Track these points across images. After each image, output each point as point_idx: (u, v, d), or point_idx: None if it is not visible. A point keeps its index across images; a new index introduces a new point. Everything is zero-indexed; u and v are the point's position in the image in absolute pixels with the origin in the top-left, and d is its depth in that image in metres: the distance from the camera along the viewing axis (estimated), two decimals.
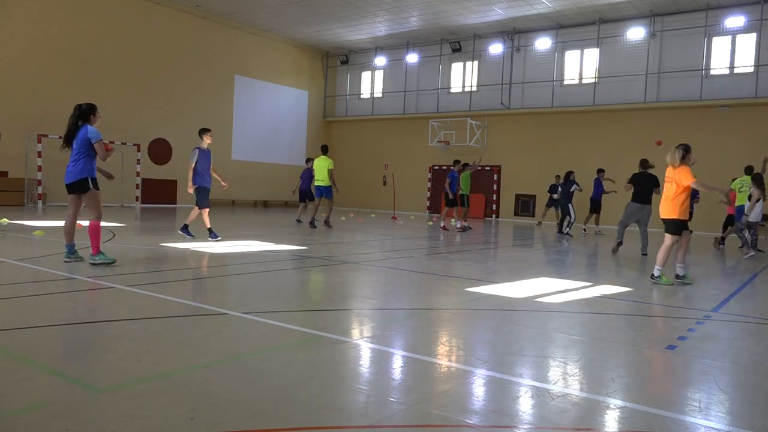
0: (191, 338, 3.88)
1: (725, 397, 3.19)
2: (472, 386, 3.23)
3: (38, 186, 18.20)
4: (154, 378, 3.05)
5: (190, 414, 2.59)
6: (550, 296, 6.13)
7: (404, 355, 3.77)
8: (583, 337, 4.43)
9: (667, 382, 3.41)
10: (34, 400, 2.67)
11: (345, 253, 9.50)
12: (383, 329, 4.46)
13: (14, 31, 18.33)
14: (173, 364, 3.32)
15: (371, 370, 3.48)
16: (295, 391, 2.95)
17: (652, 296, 6.59)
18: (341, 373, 3.34)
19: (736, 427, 2.73)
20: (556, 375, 3.48)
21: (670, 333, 4.70)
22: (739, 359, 4.00)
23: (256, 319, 4.50)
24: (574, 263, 9.86)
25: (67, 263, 6.82)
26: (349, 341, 4.02)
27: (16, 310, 4.51)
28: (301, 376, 3.19)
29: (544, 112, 23.30)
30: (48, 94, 19.03)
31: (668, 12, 20.55)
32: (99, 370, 3.19)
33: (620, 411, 2.89)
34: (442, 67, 25.96)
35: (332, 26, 24.41)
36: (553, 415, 2.81)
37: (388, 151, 27.48)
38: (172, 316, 4.48)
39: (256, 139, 26.02)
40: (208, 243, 9.80)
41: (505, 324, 4.83)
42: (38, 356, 3.34)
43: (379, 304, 5.61)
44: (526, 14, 21.69)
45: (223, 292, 5.89)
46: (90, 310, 4.60)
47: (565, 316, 5.21)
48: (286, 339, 4.04)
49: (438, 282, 6.91)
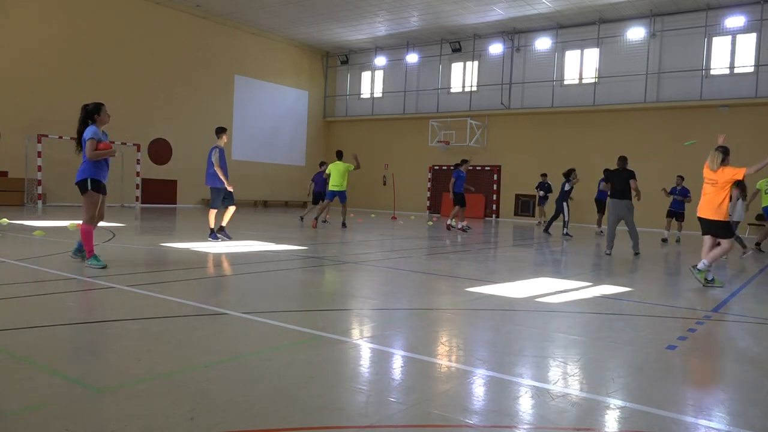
0: (191, 338, 3.88)
1: (725, 397, 3.19)
2: (472, 386, 3.23)
3: (38, 186, 18.19)
4: (154, 378, 3.05)
5: (190, 414, 2.59)
6: (550, 296, 6.13)
7: (404, 355, 3.77)
8: (583, 337, 4.43)
9: (667, 382, 3.41)
10: (34, 400, 2.67)
11: (345, 253, 9.50)
12: (383, 329, 4.46)
13: (14, 31, 18.33)
14: (173, 364, 3.32)
15: (371, 370, 3.48)
16: (295, 391, 2.95)
17: (652, 296, 6.59)
18: (341, 373, 3.34)
19: (736, 427, 2.73)
20: (556, 375, 3.48)
21: (670, 333, 4.70)
22: (739, 359, 4.00)
23: (256, 319, 4.50)
24: (574, 263, 9.86)
25: (72, 260, 6.91)
26: (349, 341, 4.02)
27: (16, 310, 4.51)
28: (301, 376, 3.19)
29: (544, 112, 23.30)
30: (48, 94, 19.03)
31: (668, 12, 20.55)
32: (99, 370, 3.19)
33: (620, 411, 2.89)
34: (442, 67, 25.96)
35: (332, 26, 24.42)
36: (553, 415, 2.81)
37: (388, 151, 27.48)
38: (172, 316, 4.48)
39: (256, 139, 26.02)
40: (208, 243, 9.80)
41: (505, 324, 4.83)
42: (38, 356, 3.34)
43: (379, 304, 5.61)
44: (526, 14, 21.69)
45: (223, 292, 5.89)
46: (90, 310, 4.60)
47: (565, 316, 5.21)
48: (286, 339, 4.04)
49: (438, 282, 6.91)
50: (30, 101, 18.65)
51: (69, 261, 6.93)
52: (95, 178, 6.56)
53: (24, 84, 18.54)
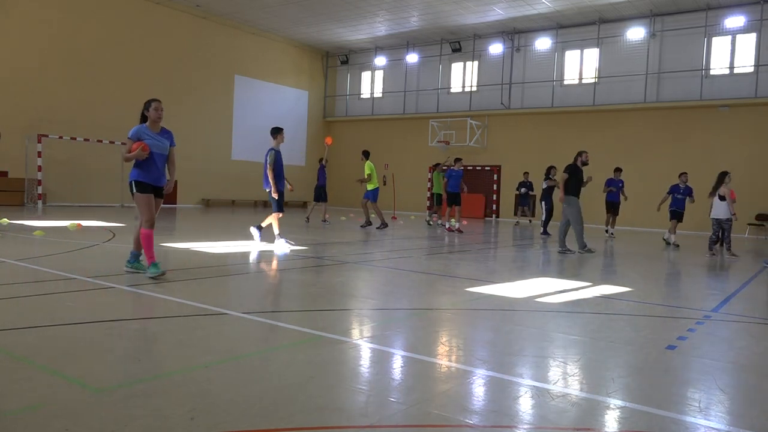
0: (191, 338, 3.88)
1: (725, 397, 3.19)
2: (472, 386, 3.23)
3: (38, 186, 18.20)
4: (154, 378, 3.05)
5: (190, 414, 2.59)
6: (550, 296, 6.13)
7: (404, 355, 3.77)
8: (583, 337, 4.43)
9: (667, 382, 3.41)
10: (33, 400, 2.67)
11: (345, 253, 9.50)
12: (383, 329, 4.46)
13: (14, 31, 18.32)
14: (173, 364, 3.32)
15: (371, 370, 3.48)
16: (295, 391, 2.95)
17: (652, 296, 6.59)
18: (341, 373, 3.34)
19: (736, 427, 2.73)
20: (556, 375, 3.48)
21: (670, 333, 4.69)
22: (739, 359, 3.99)
23: (256, 319, 4.50)
24: (574, 263, 9.85)
25: (127, 272, 6.33)
26: (349, 341, 4.02)
27: (16, 310, 4.51)
28: (301, 376, 3.19)
29: (544, 112, 23.30)
30: (48, 94, 19.02)
31: (668, 12, 20.55)
32: (99, 370, 3.19)
33: (620, 411, 2.89)
34: (442, 67, 25.96)
35: (332, 26, 24.41)
36: (553, 415, 2.81)
37: (388, 151, 27.45)
38: (172, 316, 4.47)
39: (256, 139, 25.97)
40: (209, 243, 9.79)
41: (505, 324, 4.83)
42: (38, 356, 3.34)
43: (379, 304, 5.61)
44: (526, 14, 21.69)
45: (223, 292, 5.89)
46: (90, 310, 4.60)
47: (565, 316, 5.21)
48: (286, 339, 4.04)
49: (438, 282, 6.91)
50: (30, 101, 18.64)
51: (69, 261, 6.92)
52: (138, 179, 6.12)
53: (24, 84, 18.54)
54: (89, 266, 6.71)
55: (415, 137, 26.35)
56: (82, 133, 19.61)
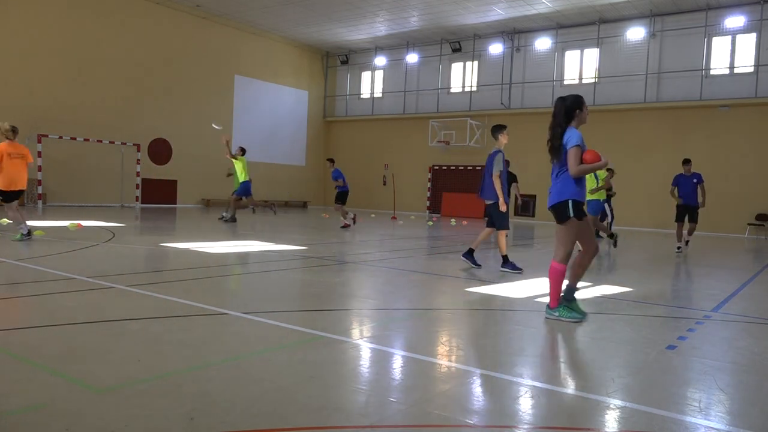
0: (191, 338, 3.88)
1: (725, 397, 3.19)
2: (472, 386, 3.23)
3: (38, 186, 18.20)
4: (154, 378, 3.05)
5: (190, 414, 2.59)
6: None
7: (404, 355, 3.77)
8: (583, 337, 4.43)
9: (667, 382, 3.41)
10: (34, 400, 2.67)
11: (345, 253, 9.50)
12: (383, 329, 4.46)
13: (14, 31, 18.32)
14: (173, 364, 3.32)
15: (371, 370, 3.48)
16: (295, 391, 2.95)
17: (652, 296, 6.59)
18: (341, 373, 3.34)
19: (736, 427, 2.73)
20: (556, 375, 3.48)
21: (670, 333, 4.69)
22: (739, 359, 3.99)
23: (256, 319, 4.50)
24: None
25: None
26: (349, 341, 4.02)
27: (16, 310, 4.51)
28: (301, 376, 3.19)
29: (544, 112, 23.23)
30: (48, 94, 19.02)
31: (668, 12, 20.55)
32: (99, 370, 3.19)
33: (620, 411, 2.89)
34: (442, 67, 25.96)
35: (332, 26, 24.41)
36: (553, 415, 2.81)
37: (388, 151, 27.47)
38: (172, 316, 4.47)
39: (256, 139, 25.99)
40: (209, 243, 9.78)
41: (505, 324, 4.83)
42: (38, 356, 3.34)
43: (379, 304, 5.61)
44: (526, 14, 21.69)
45: (223, 292, 5.89)
46: (90, 310, 4.60)
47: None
48: (286, 339, 4.04)
49: (438, 282, 6.91)
50: (30, 101, 18.64)
51: (69, 261, 6.90)
52: (577, 199, 4.92)
53: (24, 84, 18.54)
54: (89, 266, 6.71)
55: (415, 137, 26.34)
56: (82, 133, 19.61)
